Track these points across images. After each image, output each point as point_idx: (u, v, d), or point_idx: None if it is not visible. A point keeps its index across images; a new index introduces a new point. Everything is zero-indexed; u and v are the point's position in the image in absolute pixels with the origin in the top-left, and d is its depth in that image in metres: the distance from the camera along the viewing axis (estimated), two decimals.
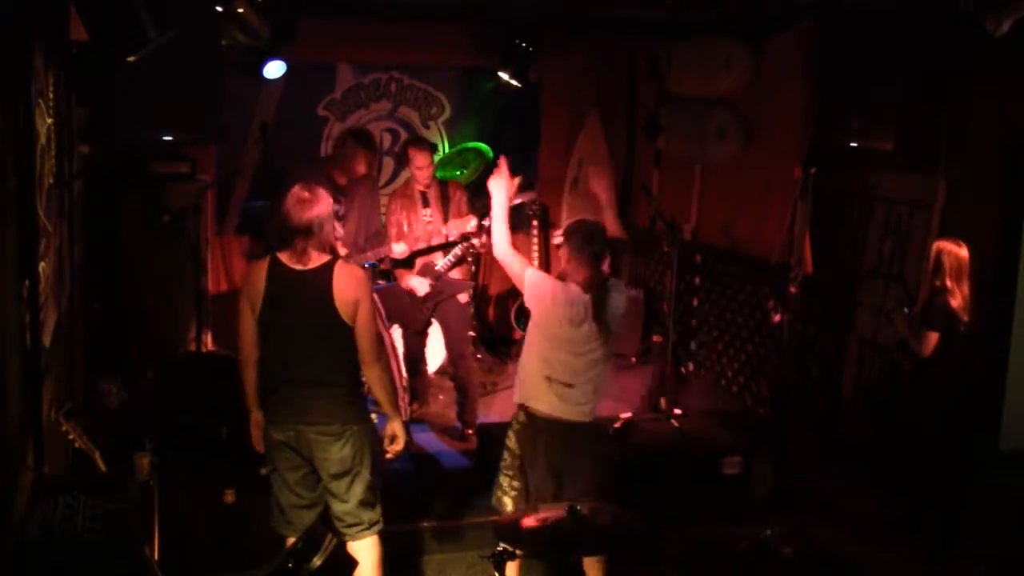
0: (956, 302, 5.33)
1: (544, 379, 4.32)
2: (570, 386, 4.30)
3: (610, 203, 8.38)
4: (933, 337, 5.34)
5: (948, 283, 5.34)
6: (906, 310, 5.59)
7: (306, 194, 4.05)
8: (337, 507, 4.17)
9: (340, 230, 6.23)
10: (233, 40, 5.62)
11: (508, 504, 4.45)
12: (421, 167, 6.28)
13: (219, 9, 5.31)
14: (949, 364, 5.39)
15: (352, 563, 3.85)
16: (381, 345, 4.31)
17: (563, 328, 4.28)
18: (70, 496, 3.14)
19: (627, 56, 8.44)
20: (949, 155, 6.23)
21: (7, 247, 3.44)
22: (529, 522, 3.53)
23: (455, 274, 6.38)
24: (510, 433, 4.47)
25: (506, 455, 4.48)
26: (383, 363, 4.29)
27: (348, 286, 4.04)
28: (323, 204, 4.05)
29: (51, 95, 4.38)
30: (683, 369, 7.73)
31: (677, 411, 6.49)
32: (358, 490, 4.15)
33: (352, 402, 4.13)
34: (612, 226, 8.63)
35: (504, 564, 3.48)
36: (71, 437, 3.81)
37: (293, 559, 3.51)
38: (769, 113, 6.95)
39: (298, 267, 4.03)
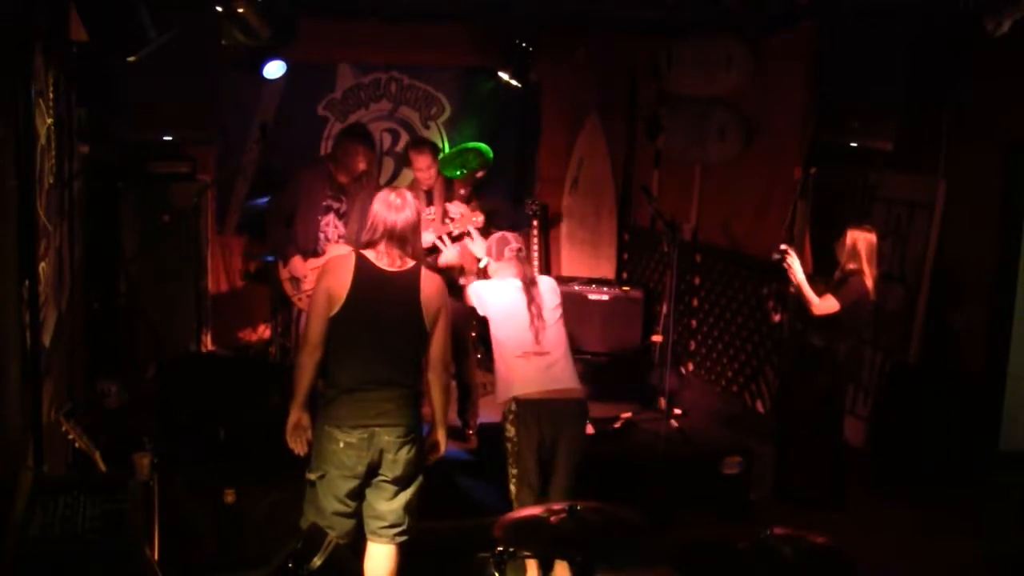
0: (869, 283, 5.65)
1: (521, 359, 4.62)
2: (543, 354, 4.63)
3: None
4: (833, 305, 5.60)
5: (865, 267, 5.64)
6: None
7: (397, 199, 4.07)
8: (383, 506, 4.11)
9: (342, 228, 6.23)
10: (233, 40, 5.62)
11: (512, 491, 4.64)
12: (422, 169, 6.24)
13: (219, 9, 5.31)
14: (844, 335, 5.72)
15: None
16: (450, 355, 4.31)
17: (519, 301, 4.68)
18: (70, 496, 3.14)
19: (627, 56, 8.44)
20: (949, 155, 6.23)
21: (7, 247, 3.44)
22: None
23: (448, 262, 6.34)
24: (507, 426, 4.64)
25: (508, 446, 4.66)
26: (449, 373, 4.30)
27: (434, 292, 4.08)
28: (413, 209, 4.09)
29: (51, 95, 4.39)
30: (683, 369, 7.73)
31: (677, 411, 6.49)
32: (410, 493, 4.14)
33: (418, 406, 4.13)
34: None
35: (504, 564, 3.47)
36: (71, 437, 3.80)
37: (293, 559, 3.51)
38: (769, 113, 6.95)
39: (387, 268, 4.03)
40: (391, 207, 4.05)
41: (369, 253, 4.05)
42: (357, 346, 4.01)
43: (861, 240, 5.66)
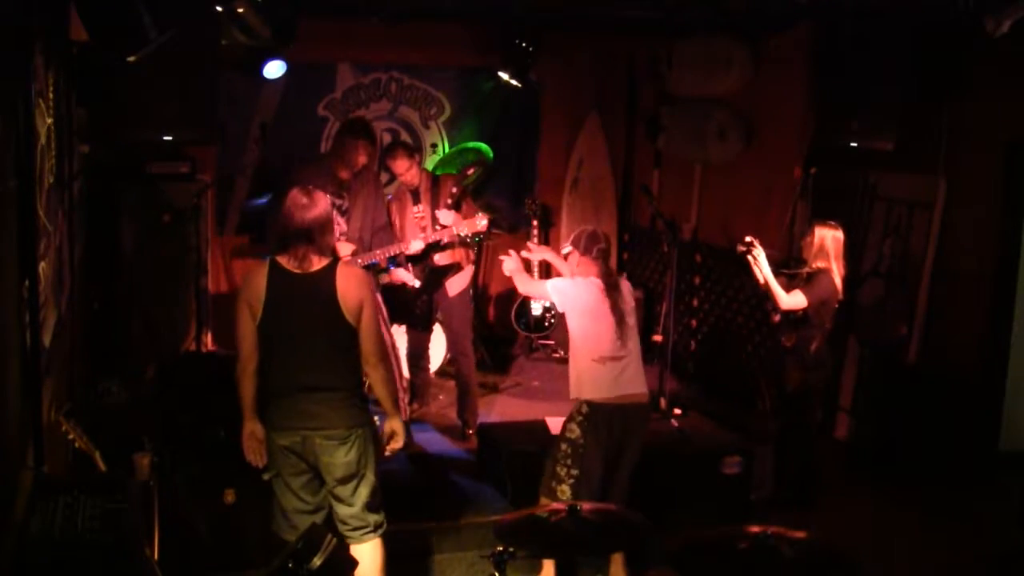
0: (838, 281, 5.58)
1: (595, 362, 4.66)
2: (619, 359, 4.68)
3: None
4: (801, 301, 5.53)
5: (833, 265, 5.57)
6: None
7: (304, 198, 4.03)
8: (342, 511, 4.14)
9: (344, 225, 6.22)
10: (233, 40, 5.61)
11: (566, 491, 4.62)
12: (402, 172, 6.26)
13: (219, 9, 5.30)
14: (812, 333, 5.62)
15: (352, 563, 3.85)
16: (384, 345, 4.28)
17: (600, 302, 4.69)
18: (70, 496, 3.14)
19: (627, 56, 8.44)
20: (949, 155, 6.23)
21: (7, 247, 3.44)
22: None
23: (444, 260, 6.34)
24: (572, 426, 4.68)
25: (564, 446, 4.67)
26: (387, 363, 4.28)
27: (351, 287, 4.02)
28: (322, 207, 4.04)
29: (51, 95, 4.38)
30: (683, 369, 7.73)
31: (677, 411, 6.49)
32: (364, 493, 4.13)
33: (356, 404, 4.10)
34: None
35: (504, 564, 3.47)
36: (71, 437, 3.81)
37: (293, 559, 3.51)
38: (769, 113, 6.95)
39: (299, 271, 4.01)
40: (299, 206, 4.02)
41: (282, 258, 4.03)
42: (279, 353, 4.03)
43: (829, 238, 5.57)
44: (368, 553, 4.16)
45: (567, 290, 4.78)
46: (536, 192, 8.57)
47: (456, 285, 6.37)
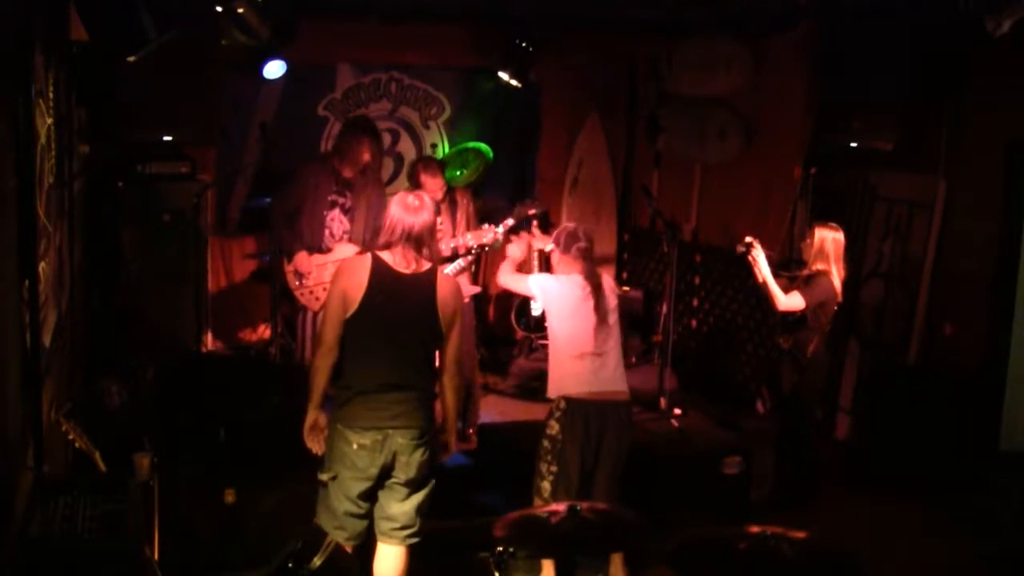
0: (837, 283, 5.55)
1: (576, 359, 4.63)
2: (599, 355, 4.64)
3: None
4: (798, 303, 5.51)
5: (833, 267, 5.54)
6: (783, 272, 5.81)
7: (414, 201, 4.07)
8: (395, 508, 4.11)
9: (347, 224, 6.22)
10: (233, 40, 5.62)
11: (546, 488, 4.65)
12: (435, 189, 6.09)
13: (219, 9, 5.30)
14: (810, 335, 5.62)
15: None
16: (463, 355, 4.31)
17: (583, 300, 4.66)
18: (70, 496, 3.14)
19: (627, 56, 8.44)
20: (949, 155, 6.24)
21: (7, 247, 3.44)
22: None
23: (462, 277, 6.34)
24: (551, 422, 4.68)
25: (546, 443, 4.68)
26: (462, 374, 4.29)
27: (451, 294, 4.08)
28: (430, 211, 4.08)
29: (51, 95, 4.38)
30: (683, 369, 7.72)
31: (677, 411, 6.49)
32: (423, 495, 4.14)
33: (431, 407, 4.14)
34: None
35: (504, 564, 3.47)
36: (71, 437, 3.81)
37: (293, 559, 3.51)
38: (769, 113, 6.95)
39: (403, 270, 4.02)
40: (409, 209, 4.04)
41: (385, 255, 4.04)
42: (372, 349, 4.01)
43: (829, 239, 5.56)
44: (398, 557, 4.15)
45: (550, 287, 4.76)
46: (536, 192, 8.57)
47: (467, 288, 6.40)
